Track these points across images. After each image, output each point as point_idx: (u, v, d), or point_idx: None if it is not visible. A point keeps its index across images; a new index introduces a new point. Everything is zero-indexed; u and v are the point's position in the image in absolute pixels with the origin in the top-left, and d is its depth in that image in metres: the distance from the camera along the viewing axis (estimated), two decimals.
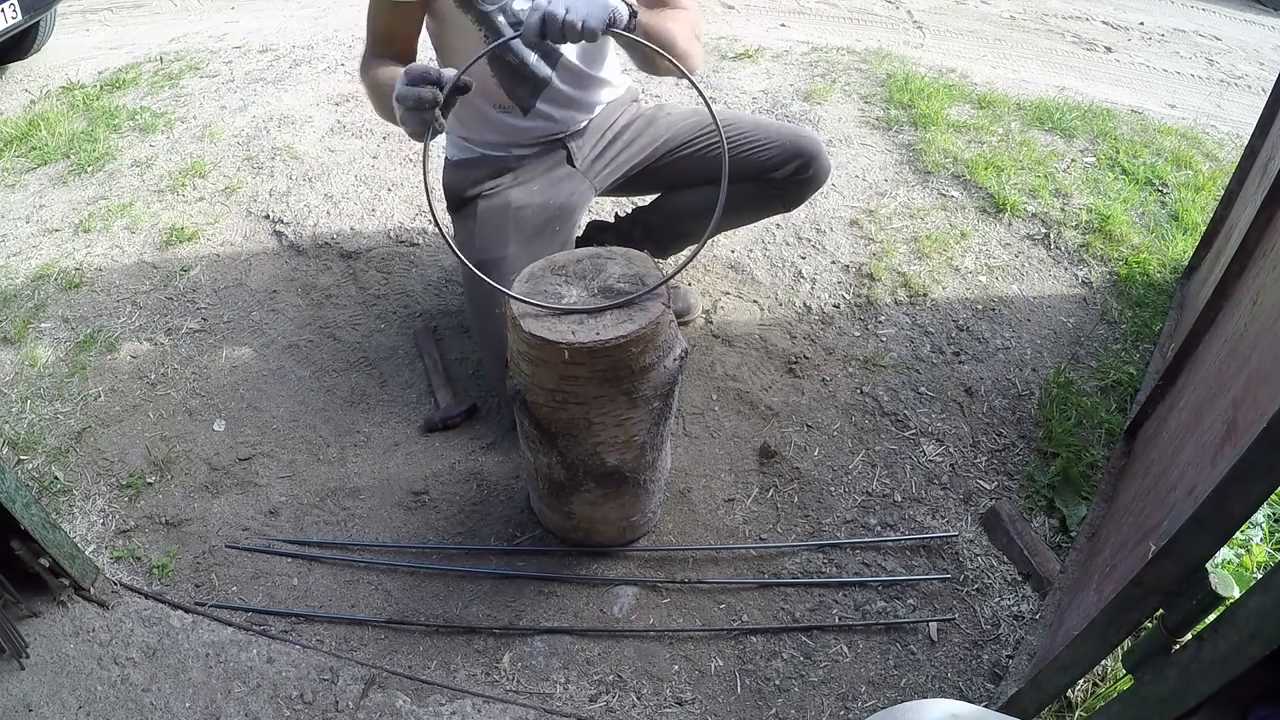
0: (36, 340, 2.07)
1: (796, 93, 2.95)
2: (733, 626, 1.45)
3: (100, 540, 1.62)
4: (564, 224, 1.66)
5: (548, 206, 1.65)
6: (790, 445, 1.75)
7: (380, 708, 1.34)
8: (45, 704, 1.34)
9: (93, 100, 3.17)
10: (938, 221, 2.33)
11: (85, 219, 2.47)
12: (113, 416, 1.86)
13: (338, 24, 3.69)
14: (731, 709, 1.35)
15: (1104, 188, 2.46)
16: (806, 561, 1.55)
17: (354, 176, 2.61)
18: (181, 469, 1.74)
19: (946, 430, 1.78)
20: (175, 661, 1.40)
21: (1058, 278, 2.17)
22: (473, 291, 1.69)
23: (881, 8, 4.09)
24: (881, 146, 2.65)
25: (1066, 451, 1.70)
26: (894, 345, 1.98)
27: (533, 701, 1.35)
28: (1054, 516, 1.62)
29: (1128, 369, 1.89)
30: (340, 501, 1.67)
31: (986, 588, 1.51)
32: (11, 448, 1.79)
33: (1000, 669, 1.39)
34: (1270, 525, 1.42)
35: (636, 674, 1.40)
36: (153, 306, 2.15)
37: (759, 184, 1.67)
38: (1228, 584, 0.77)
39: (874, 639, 1.44)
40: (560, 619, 1.47)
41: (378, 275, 2.23)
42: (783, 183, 1.68)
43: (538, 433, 1.33)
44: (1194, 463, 0.95)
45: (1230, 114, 3.11)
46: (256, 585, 1.53)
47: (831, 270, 2.19)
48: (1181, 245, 2.22)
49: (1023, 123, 2.77)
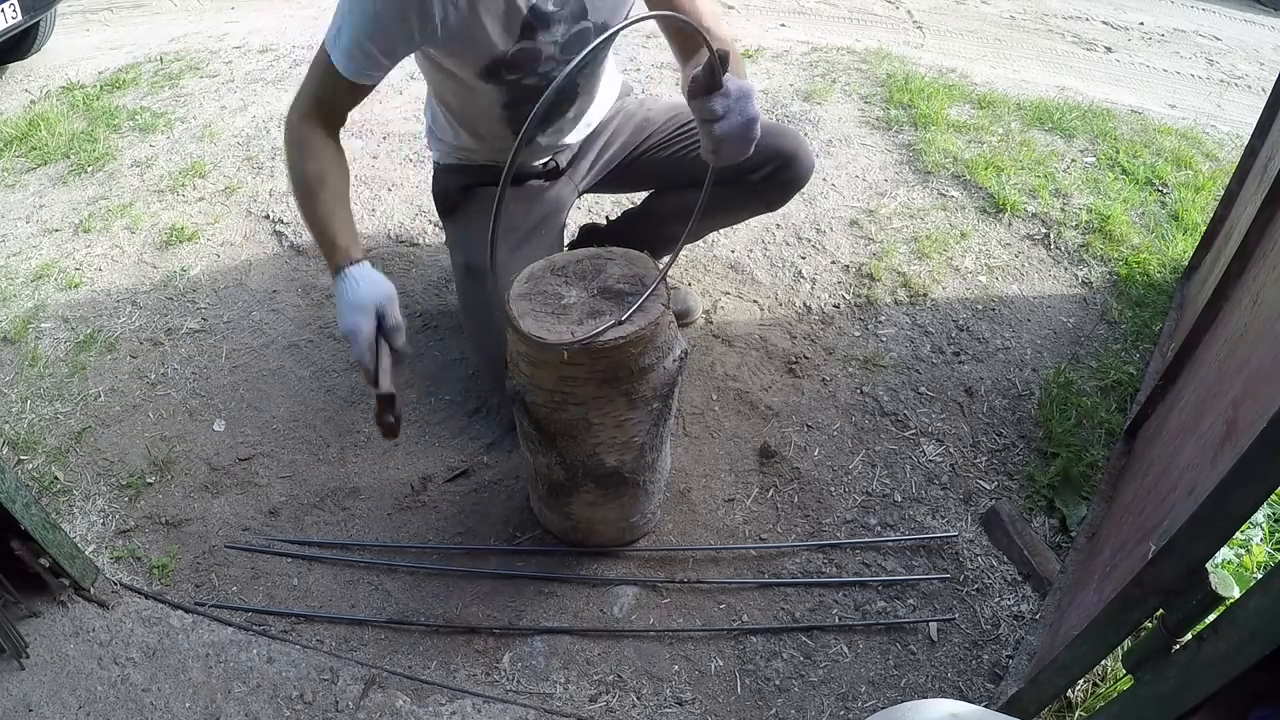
0: (36, 340, 2.07)
1: (796, 93, 2.95)
2: (733, 626, 1.45)
3: (100, 540, 1.62)
4: (550, 226, 1.66)
5: (534, 210, 1.65)
6: (790, 445, 1.75)
7: (380, 708, 1.34)
8: (45, 704, 1.34)
9: (93, 100, 3.17)
10: (938, 221, 2.33)
11: (85, 219, 2.47)
12: (113, 416, 1.86)
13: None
14: (731, 709, 1.35)
15: (1104, 188, 2.46)
16: (806, 561, 1.55)
17: (354, 176, 2.59)
18: (181, 469, 1.74)
19: (946, 430, 1.78)
20: (175, 661, 1.40)
21: (1058, 278, 2.17)
22: (466, 298, 1.69)
23: (881, 8, 4.09)
24: (881, 146, 2.65)
25: (1066, 451, 1.70)
26: (894, 345, 1.98)
27: (533, 701, 1.35)
28: (1054, 516, 1.62)
29: (1128, 369, 1.89)
30: (340, 501, 1.67)
31: (986, 588, 1.51)
32: (11, 448, 1.79)
33: (1000, 669, 1.39)
34: (1270, 525, 1.42)
35: (636, 674, 1.39)
36: (153, 306, 2.15)
37: (738, 185, 1.63)
38: (1228, 584, 0.77)
39: (874, 639, 1.44)
40: (560, 619, 1.47)
41: None
42: (761, 184, 1.65)
43: (537, 433, 1.33)
44: (1194, 463, 0.95)
45: (1230, 114, 3.11)
46: (256, 585, 1.53)
47: (831, 270, 2.19)
48: (1181, 245, 2.22)
49: (1023, 123, 2.77)
